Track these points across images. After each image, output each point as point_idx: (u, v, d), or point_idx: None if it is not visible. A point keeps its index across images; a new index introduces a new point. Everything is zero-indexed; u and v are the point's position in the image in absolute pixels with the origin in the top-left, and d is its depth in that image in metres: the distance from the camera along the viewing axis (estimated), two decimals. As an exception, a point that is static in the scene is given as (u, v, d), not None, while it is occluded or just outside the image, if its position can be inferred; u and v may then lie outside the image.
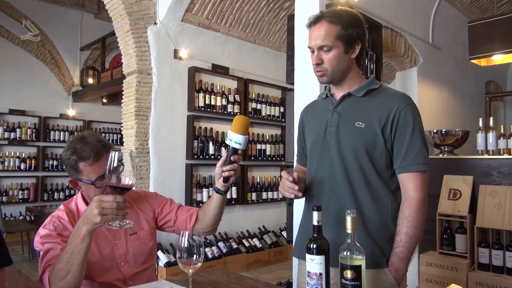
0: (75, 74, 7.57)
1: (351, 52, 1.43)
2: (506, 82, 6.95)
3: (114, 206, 1.24)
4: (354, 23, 1.41)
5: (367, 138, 1.39)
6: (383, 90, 1.47)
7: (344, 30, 1.38)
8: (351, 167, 1.41)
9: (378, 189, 1.41)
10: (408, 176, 1.38)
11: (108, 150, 1.49)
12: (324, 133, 1.49)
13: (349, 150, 1.41)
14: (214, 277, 1.55)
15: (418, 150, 1.38)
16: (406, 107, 1.39)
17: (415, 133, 1.38)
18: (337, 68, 1.42)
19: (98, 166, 1.48)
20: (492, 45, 3.59)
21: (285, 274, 4.42)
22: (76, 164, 1.48)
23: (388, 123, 1.38)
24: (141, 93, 4.16)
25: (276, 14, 5.01)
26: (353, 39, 1.40)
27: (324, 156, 1.48)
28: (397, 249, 1.34)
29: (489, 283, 2.78)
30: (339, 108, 1.48)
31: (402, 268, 1.34)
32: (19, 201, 6.77)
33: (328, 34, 1.38)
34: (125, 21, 4.13)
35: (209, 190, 4.60)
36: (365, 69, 3.11)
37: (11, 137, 6.74)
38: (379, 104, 1.42)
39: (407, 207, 1.36)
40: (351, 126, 1.42)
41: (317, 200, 1.49)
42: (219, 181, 1.53)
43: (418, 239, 1.35)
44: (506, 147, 3.29)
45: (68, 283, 1.29)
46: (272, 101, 5.46)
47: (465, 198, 3.05)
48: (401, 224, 1.35)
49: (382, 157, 1.41)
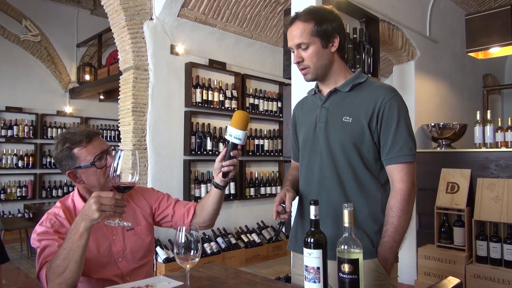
0: (71, 71, 7.54)
1: (330, 46, 1.46)
2: (503, 75, 6.95)
3: (112, 203, 1.24)
4: (328, 17, 1.44)
5: (355, 133, 1.42)
6: (368, 83, 1.49)
7: (318, 26, 1.42)
8: (340, 162, 1.44)
9: (367, 183, 1.43)
10: (395, 168, 1.40)
11: (96, 133, 1.55)
12: (314, 129, 1.52)
13: (337, 145, 1.44)
14: (212, 272, 1.55)
15: (403, 142, 1.39)
16: (391, 99, 1.40)
17: (400, 125, 1.39)
18: (319, 64, 1.46)
19: (93, 147, 1.51)
20: (490, 38, 3.59)
21: (284, 268, 4.43)
22: (71, 151, 1.50)
23: (373, 116, 1.40)
24: (138, 89, 4.14)
25: (272, 8, 4.98)
26: (329, 33, 1.43)
27: (314, 151, 1.52)
28: (384, 239, 1.37)
29: (487, 276, 2.80)
30: (327, 104, 1.51)
31: (389, 258, 1.37)
32: (17, 198, 6.76)
33: (303, 32, 1.43)
34: (121, 16, 4.11)
35: (207, 185, 4.60)
36: (362, 63, 3.11)
37: (8, 134, 6.72)
38: (365, 98, 1.44)
39: (393, 198, 1.38)
40: (339, 121, 1.45)
41: (308, 194, 1.53)
42: (218, 176, 1.55)
43: (404, 229, 1.37)
44: (504, 140, 3.29)
45: (65, 280, 1.28)
46: (270, 96, 5.45)
47: (463, 191, 3.06)
48: (387, 215, 1.38)
49: (370, 150, 1.43)
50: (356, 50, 3.05)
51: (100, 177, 1.51)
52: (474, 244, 2.90)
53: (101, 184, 1.52)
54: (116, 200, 1.25)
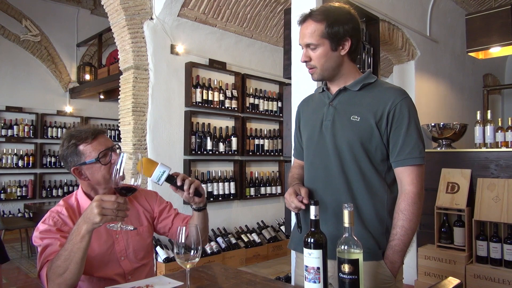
0: (72, 71, 7.53)
1: (340, 49, 1.42)
2: (503, 75, 6.95)
3: (114, 207, 1.25)
4: (342, 20, 1.40)
5: (363, 132, 1.40)
6: (379, 84, 1.47)
7: (329, 28, 1.38)
8: (347, 161, 1.42)
9: (374, 183, 1.41)
10: (404, 170, 1.38)
11: (102, 131, 1.58)
12: (320, 127, 1.49)
13: (344, 144, 1.42)
14: (212, 272, 1.55)
15: (413, 144, 1.38)
16: (402, 101, 1.39)
17: (410, 127, 1.38)
18: (326, 66, 1.43)
19: (98, 143, 1.53)
20: (490, 38, 3.59)
21: (284, 268, 4.43)
22: (76, 147, 1.52)
23: (383, 117, 1.38)
24: (138, 89, 4.14)
25: (273, 8, 4.98)
26: (340, 36, 1.40)
27: (319, 150, 1.49)
28: (393, 242, 1.35)
29: (487, 276, 2.79)
30: (335, 102, 1.48)
31: (397, 261, 1.35)
32: (18, 198, 6.76)
33: (314, 33, 1.40)
34: (121, 16, 4.11)
35: (207, 185, 4.60)
36: (362, 63, 3.10)
37: (8, 134, 6.71)
38: (374, 98, 1.42)
39: (402, 200, 1.37)
40: (347, 120, 1.43)
41: (313, 193, 1.50)
42: (194, 202, 1.55)
43: (414, 232, 1.36)
44: (504, 140, 3.29)
45: (65, 280, 1.29)
46: (270, 96, 5.45)
47: (463, 191, 3.05)
48: (397, 218, 1.36)
49: (378, 150, 1.41)
50: (356, 50, 3.05)
51: (105, 174, 1.52)
52: (474, 244, 2.90)
53: (106, 180, 1.53)
54: (119, 204, 1.25)
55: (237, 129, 5.02)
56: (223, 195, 4.80)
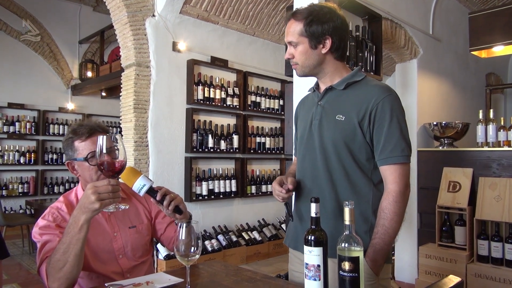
0: (73, 68, 7.54)
1: (321, 47, 1.44)
2: (506, 74, 6.92)
3: (109, 190, 1.24)
4: (322, 19, 1.42)
5: (346, 131, 1.41)
6: (364, 82, 1.47)
7: (307, 26, 1.42)
8: (331, 160, 1.44)
9: (358, 182, 1.43)
10: (387, 169, 1.38)
11: (99, 130, 1.55)
12: (310, 127, 1.52)
13: (329, 143, 1.44)
14: (212, 269, 1.55)
15: (395, 142, 1.37)
16: (384, 99, 1.38)
17: (392, 125, 1.37)
18: (307, 63, 1.47)
19: (91, 143, 1.52)
20: (493, 37, 3.57)
21: (285, 266, 4.42)
22: (72, 142, 1.53)
23: (366, 116, 1.39)
24: (140, 86, 4.14)
25: (275, 6, 4.97)
26: (318, 34, 1.42)
27: (308, 148, 1.52)
28: (374, 241, 1.36)
29: (488, 275, 2.79)
30: (323, 101, 1.51)
31: (378, 260, 1.35)
32: (19, 194, 6.78)
33: (294, 31, 1.45)
34: (123, 13, 4.10)
35: (208, 183, 4.60)
36: (364, 61, 3.09)
37: (10, 130, 6.73)
38: (358, 96, 1.43)
39: (385, 199, 1.37)
40: (332, 119, 1.45)
41: (301, 191, 1.54)
42: (175, 218, 1.46)
43: (396, 231, 1.36)
44: (506, 139, 3.28)
45: (65, 274, 1.28)
46: (272, 94, 5.44)
47: (465, 190, 3.05)
48: (379, 216, 1.37)
49: (362, 150, 1.42)
50: (358, 48, 3.04)
51: (92, 174, 1.52)
52: (476, 243, 2.90)
53: (93, 181, 1.50)
54: (113, 186, 1.24)
55: (239, 127, 5.02)
56: (224, 192, 4.80)
